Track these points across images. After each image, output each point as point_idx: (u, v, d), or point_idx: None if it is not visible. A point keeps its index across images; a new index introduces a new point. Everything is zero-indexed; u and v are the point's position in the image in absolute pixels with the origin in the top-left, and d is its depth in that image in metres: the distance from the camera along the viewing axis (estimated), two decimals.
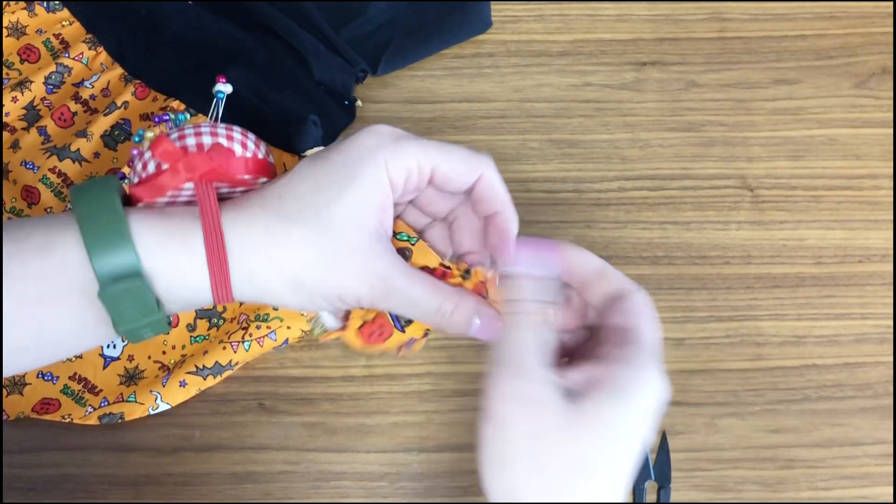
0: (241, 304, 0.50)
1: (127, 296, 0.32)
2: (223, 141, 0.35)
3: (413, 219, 0.38)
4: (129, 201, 0.35)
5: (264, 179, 0.37)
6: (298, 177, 0.34)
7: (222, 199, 0.35)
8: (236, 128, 0.37)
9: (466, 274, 0.36)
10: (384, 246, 0.34)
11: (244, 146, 0.36)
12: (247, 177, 0.36)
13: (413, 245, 0.36)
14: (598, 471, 0.32)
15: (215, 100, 0.45)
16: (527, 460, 0.32)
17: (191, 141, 0.35)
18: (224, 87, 0.45)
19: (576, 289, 0.36)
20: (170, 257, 0.33)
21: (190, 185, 0.34)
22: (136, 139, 0.37)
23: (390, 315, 0.38)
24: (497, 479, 0.33)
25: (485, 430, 0.33)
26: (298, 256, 0.33)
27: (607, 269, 0.36)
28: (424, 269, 0.36)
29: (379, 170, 0.33)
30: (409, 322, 0.38)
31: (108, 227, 0.32)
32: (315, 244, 0.33)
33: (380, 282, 0.34)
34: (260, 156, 0.37)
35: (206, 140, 0.35)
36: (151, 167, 0.35)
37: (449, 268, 0.36)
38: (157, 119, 0.50)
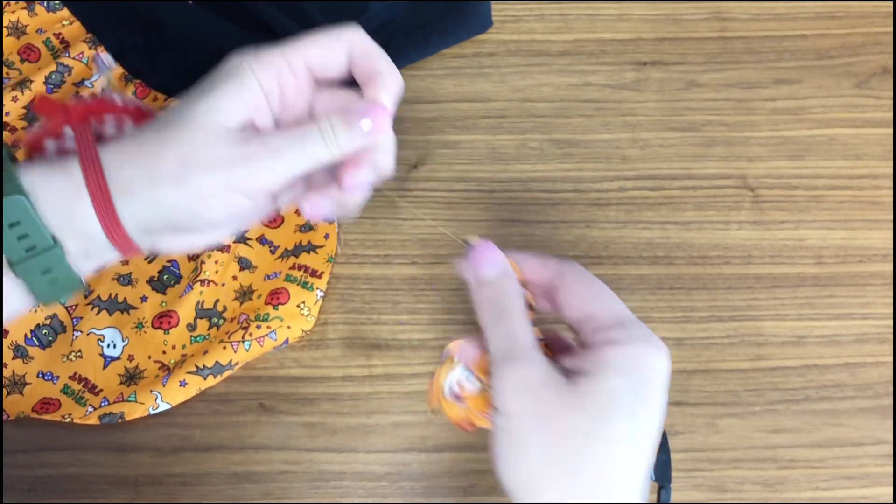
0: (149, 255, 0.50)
1: (13, 210, 0.32)
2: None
3: None
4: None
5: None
6: (175, 102, 0.36)
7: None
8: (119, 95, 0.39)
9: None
10: (253, 137, 0.35)
11: (124, 101, 0.38)
12: (127, 118, 0.37)
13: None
14: (616, 447, 0.31)
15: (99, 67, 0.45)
16: (539, 446, 0.31)
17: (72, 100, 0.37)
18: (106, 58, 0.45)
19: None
20: (52, 184, 0.33)
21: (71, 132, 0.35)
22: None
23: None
24: (514, 473, 0.32)
25: (495, 427, 0.33)
26: (170, 154, 0.33)
27: (539, 258, 0.36)
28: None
29: (244, 74, 0.35)
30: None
31: None
32: (184, 140, 0.34)
33: (258, 148, 0.34)
34: (144, 109, 0.38)
35: (86, 95, 0.38)
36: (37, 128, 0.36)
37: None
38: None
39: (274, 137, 0.35)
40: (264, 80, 0.35)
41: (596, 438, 0.31)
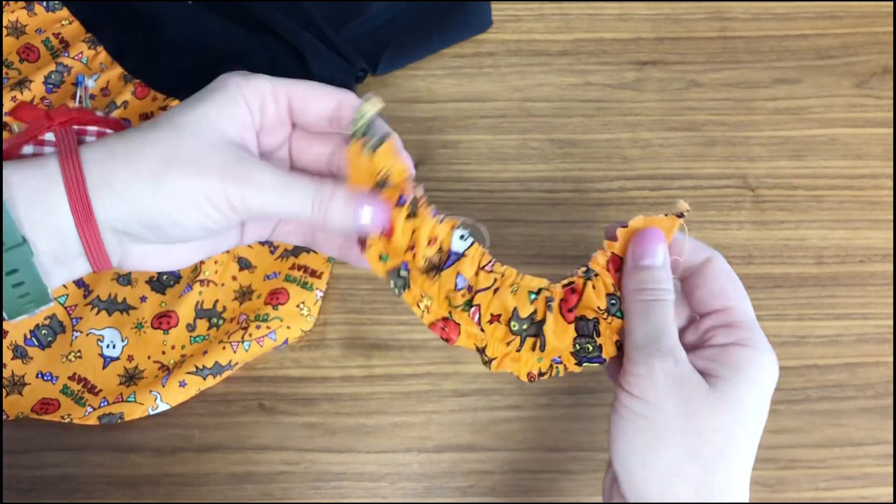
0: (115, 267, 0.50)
1: None
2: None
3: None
4: None
5: None
6: (175, 103, 0.37)
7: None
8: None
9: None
10: (245, 153, 0.35)
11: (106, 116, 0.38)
12: (108, 129, 0.37)
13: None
14: (742, 451, 0.33)
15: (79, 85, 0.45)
16: (681, 439, 0.32)
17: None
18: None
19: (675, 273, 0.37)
20: (26, 177, 0.33)
21: (52, 136, 0.35)
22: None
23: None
24: (648, 461, 0.33)
25: (627, 412, 0.33)
26: (154, 153, 0.34)
27: (693, 242, 0.37)
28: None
29: (231, 90, 0.36)
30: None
31: None
32: (171, 142, 0.34)
33: (244, 172, 0.34)
34: (125, 125, 0.38)
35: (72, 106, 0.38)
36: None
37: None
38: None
39: (265, 171, 0.35)
40: (248, 97, 0.36)
41: (732, 441, 0.33)
